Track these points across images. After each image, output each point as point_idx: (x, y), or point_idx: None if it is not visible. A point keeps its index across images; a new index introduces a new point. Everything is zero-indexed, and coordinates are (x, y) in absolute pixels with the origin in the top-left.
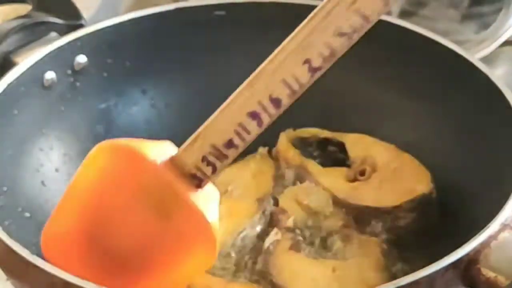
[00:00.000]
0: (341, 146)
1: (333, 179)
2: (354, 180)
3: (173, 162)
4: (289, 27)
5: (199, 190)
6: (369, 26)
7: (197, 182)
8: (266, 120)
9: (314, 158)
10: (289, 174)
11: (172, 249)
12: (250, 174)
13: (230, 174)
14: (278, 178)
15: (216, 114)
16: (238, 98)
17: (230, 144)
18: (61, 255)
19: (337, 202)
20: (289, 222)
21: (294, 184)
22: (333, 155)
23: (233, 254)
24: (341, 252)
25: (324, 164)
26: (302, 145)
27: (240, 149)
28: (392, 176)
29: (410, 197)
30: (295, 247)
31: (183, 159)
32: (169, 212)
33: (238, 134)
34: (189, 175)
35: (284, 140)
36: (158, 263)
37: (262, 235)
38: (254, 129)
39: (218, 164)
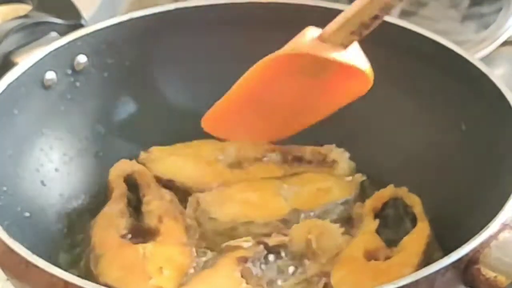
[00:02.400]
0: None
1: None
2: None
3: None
4: (289, 27)
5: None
6: None
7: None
8: None
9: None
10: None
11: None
12: (315, 188)
13: (301, 180)
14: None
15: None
16: None
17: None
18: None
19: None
20: (276, 241)
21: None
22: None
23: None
24: None
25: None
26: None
27: None
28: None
29: None
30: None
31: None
32: (319, 71)
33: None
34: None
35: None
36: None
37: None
38: None
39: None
